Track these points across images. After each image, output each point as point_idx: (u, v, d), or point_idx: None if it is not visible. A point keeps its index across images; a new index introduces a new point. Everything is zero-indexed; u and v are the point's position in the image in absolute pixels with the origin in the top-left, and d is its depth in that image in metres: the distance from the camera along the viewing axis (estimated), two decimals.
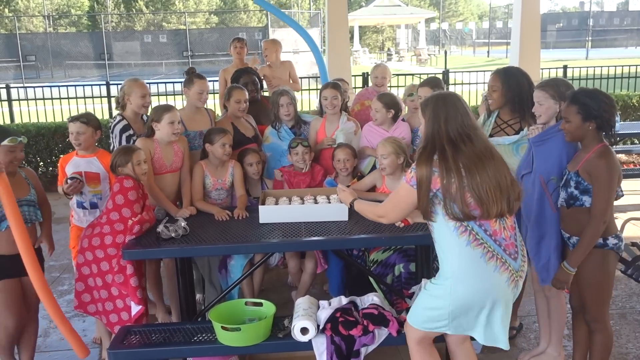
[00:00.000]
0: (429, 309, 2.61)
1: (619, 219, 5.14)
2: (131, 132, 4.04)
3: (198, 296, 4.36)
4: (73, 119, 3.74)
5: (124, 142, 3.99)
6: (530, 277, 3.47)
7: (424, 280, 2.91)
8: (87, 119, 3.75)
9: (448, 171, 2.43)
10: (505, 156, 3.56)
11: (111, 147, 4.10)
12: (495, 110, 3.69)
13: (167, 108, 3.83)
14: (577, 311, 3.19)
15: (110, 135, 4.13)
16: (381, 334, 2.97)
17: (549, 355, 3.50)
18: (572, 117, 2.90)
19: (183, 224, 3.39)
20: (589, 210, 2.89)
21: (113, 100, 6.31)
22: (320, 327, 2.99)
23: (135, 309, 3.33)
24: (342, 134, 4.39)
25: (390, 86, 9.49)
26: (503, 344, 2.57)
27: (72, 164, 3.74)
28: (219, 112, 5.44)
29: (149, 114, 3.90)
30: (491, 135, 3.66)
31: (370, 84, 5.94)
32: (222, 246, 3.27)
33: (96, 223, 3.47)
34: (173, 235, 3.29)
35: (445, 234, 2.52)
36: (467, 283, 2.49)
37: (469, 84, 10.11)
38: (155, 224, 3.45)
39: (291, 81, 6.18)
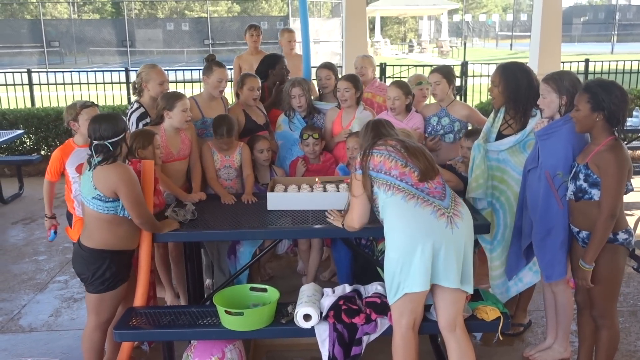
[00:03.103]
0: (388, 271, 2.77)
1: (635, 215, 5.08)
2: (148, 120, 4.05)
3: (207, 281, 4.40)
4: (88, 105, 3.70)
5: None
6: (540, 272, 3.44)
7: None
8: (91, 102, 3.77)
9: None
10: (513, 155, 3.54)
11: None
12: (502, 107, 3.63)
13: (179, 96, 3.84)
14: (582, 307, 3.15)
15: (128, 123, 4.14)
16: (384, 323, 2.97)
17: (554, 350, 3.47)
18: (582, 106, 2.85)
19: (192, 209, 3.42)
20: (598, 204, 2.85)
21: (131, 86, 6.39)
22: (323, 315, 3.00)
23: None
24: (358, 124, 4.37)
25: (402, 77, 9.47)
26: (452, 282, 2.71)
27: (75, 156, 3.63)
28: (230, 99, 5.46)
29: (158, 100, 3.89)
30: (500, 132, 3.61)
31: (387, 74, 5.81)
32: (229, 232, 3.30)
33: None
34: (181, 219, 3.32)
35: (379, 199, 2.82)
36: (397, 227, 2.75)
37: (488, 76, 9.98)
38: (165, 209, 3.49)
39: None
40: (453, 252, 2.72)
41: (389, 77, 9.53)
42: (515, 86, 3.46)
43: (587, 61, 9.85)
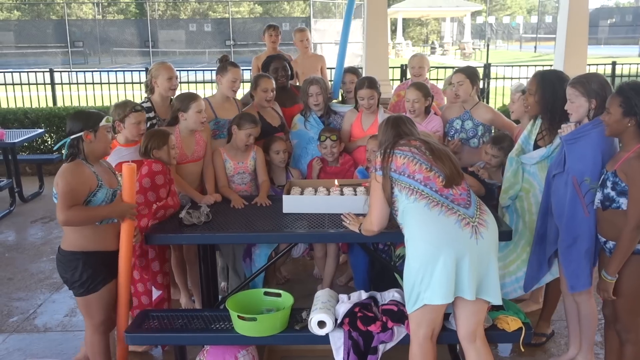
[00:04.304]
0: (408, 281, 2.65)
1: None
2: (152, 114, 4.05)
3: (222, 284, 4.36)
4: (137, 109, 3.62)
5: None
6: (561, 281, 3.32)
7: None
8: (141, 106, 3.72)
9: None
10: (541, 171, 3.43)
11: None
12: (537, 116, 3.51)
13: (193, 97, 3.80)
14: (609, 320, 3.03)
15: None
16: (400, 331, 2.89)
17: None
18: (614, 109, 2.73)
19: (206, 211, 3.37)
20: (626, 213, 2.73)
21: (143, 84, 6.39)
22: (338, 322, 2.93)
23: (156, 293, 3.34)
24: None
25: (430, 78, 9.36)
26: (467, 293, 2.58)
27: (116, 154, 3.56)
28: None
29: (173, 101, 3.86)
30: (535, 142, 3.50)
31: (408, 75, 5.74)
32: (244, 234, 3.24)
33: None
34: (195, 221, 3.27)
35: (399, 203, 2.69)
36: (419, 235, 2.62)
37: (511, 78, 9.83)
38: (179, 210, 3.45)
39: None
40: (477, 264, 2.59)
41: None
42: (553, 97, 3.33)
43: (614, 64, 9.64)
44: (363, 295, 3.07)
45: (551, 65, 8.92)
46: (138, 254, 3.38)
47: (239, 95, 4.61)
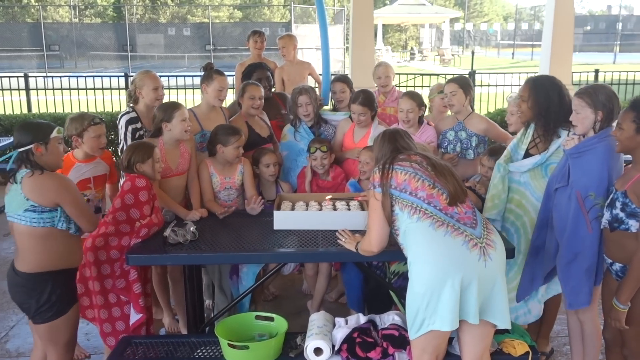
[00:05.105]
0: (412, 306, 2.48)
1: None
2: (139, 125, 3.84)
3: (207, 302, 4.17)
4: (96, 122, 3.45)
5: (130, 135, 3.78)
6: (563, 299, 3.20)
7: None
8: (100, 118, 3.54)
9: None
10: (534, 179, 3.31)
11: (119, 140, 3.90)
12: (531, 123, 3.40)
13: (176, 106, 3.61)
14: (611, 344, 2.92)
15: (118, 126, 3.91)
16: (402, 357, 2.73)
17: None
18: (626, 125, 2.61)
19: (192, 228, 3.18)
20: (636, 236, 2.60)
21: (126, 93, 6.17)
22: (336, 348, 2.76)
23: (135, 317, 3.13)
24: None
25: (407, 86, 9.28)
26: (472, 317, 2.43)
27: (76, 171, 3.40)
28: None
29: (155, 112, 3.65)
30: (527, 151, 3.38)
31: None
32: (233, 254, 3.05)
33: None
34: (181, 240, 3.08)
35: (400, 222, 2.52)
36: (424, 259, 2.45)
37: (496, 85, 9.80)
38: (163, 227, 3.25)
39: (316, 83, 5.94)
40: (484, 288, 2.44)
41: (395, 85, 9.32)
42: (546, 102, 3.22)
43: (597, 71, 9.66)
44: (361, 319, 2.91)
45: (535, 73, 8.90)
46: (118, 274, 3.17)
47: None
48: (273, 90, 4.92)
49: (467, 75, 6.28)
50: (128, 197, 3.18)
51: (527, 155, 3.37)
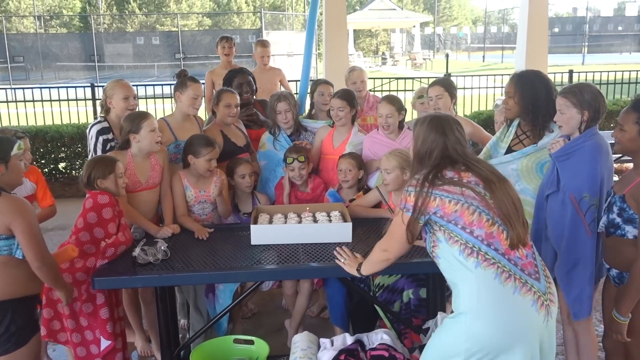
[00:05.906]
0: (444, 350, 2.12)
1: None
2: (110, 136, 3.61)
3: (182, 322, 3.94)
4: (19, 135, 3.18)
5: (100, 146, 3.55)
6: (561, 310, 3.05)
7: (440, 315, 2.49)
8: (22, 132, 3.32)
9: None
10: (527, 177, 3.16)
11: (88, 150, 3.66)
12: (515, 120, 3.29)
13: (144, 115, 3.38)
14: (611, 354, 2.78)
15: (87, 136, 3.67)
16: None
17: None
18: (628, 127, 2.49)
19: (163, 246, 2.96)
20: (633, 243, 2.48)
21: (98, 103, 5.89)
22: None
23: (105, 344, 2.90)
24: (352, 147, 3.95)
25: (382, 90, 9.17)
26: None
27: None
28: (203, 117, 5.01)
29: (122, 123, 3.42)
30: (510, 148, 3.26)
31: None
32: (208, 274, 2.83)
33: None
34: (151, 259, 2.86)
35: (451, 261, 2.11)
36: (485, 316, 2.02)
37: (471, 88, 9.75)
38: (132, 246, 3.02)
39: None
40: (543, 349, 2.11)
41: (369, 90, 9.19)
42: (533, 96, 3.10)
43: (571, 72, 9.68)
44: (348, 339, 2.72)
45: (509, 75, 8.87)
46: (84, 298, 2.93)
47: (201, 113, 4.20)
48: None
49: (450, 78, 6.14)
50: (90, 215, 2.95)
51: (509, 151, 3.25)
